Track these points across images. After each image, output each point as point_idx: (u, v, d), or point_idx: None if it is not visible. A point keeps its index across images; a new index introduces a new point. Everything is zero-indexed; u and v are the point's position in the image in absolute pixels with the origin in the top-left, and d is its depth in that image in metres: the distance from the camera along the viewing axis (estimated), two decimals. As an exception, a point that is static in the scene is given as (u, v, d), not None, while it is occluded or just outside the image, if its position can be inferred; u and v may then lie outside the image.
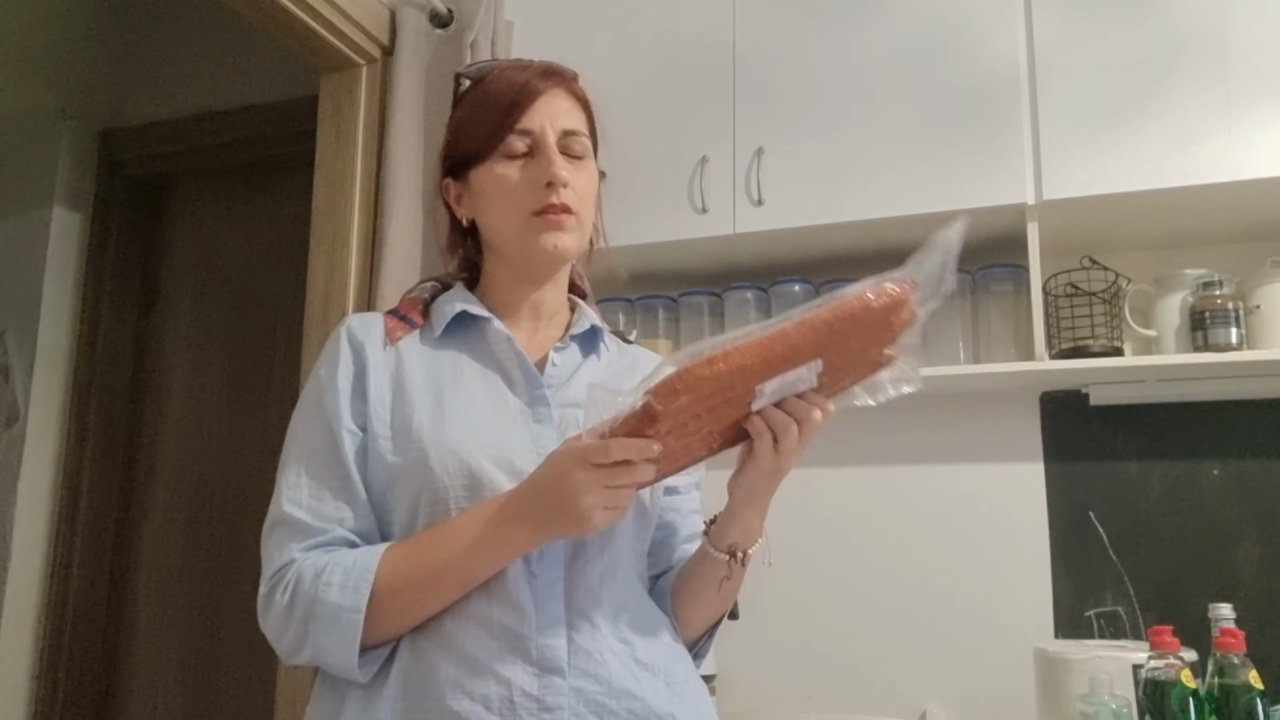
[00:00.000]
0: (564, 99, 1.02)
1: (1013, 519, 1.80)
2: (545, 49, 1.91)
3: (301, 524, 0.92)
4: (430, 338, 1.02)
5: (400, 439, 0.94)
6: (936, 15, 1.71)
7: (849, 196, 1.71)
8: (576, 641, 0.90)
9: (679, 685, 0.95)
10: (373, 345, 1.00)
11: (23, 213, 2.36)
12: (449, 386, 0.97)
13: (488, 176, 1.00)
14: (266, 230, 2.41)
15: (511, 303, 1.05)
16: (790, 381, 0.81)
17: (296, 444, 0.98)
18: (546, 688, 0.87)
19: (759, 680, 1.88)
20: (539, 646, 0.88)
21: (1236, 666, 1.23)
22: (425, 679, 0.88)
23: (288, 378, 2.26)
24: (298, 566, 0.90)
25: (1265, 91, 1.50)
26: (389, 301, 1.66)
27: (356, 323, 1.03)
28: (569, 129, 1.01)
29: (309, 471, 0.95)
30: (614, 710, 0.89)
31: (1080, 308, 1.67)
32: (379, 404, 0.96)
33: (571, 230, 1.00)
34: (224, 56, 2.43)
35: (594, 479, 0.80)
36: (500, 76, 1.02)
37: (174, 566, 2.34)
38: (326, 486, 0.94)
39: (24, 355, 2.29)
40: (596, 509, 0.81)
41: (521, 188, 0.98)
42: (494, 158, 1.00)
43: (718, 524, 0.96)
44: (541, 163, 0.98)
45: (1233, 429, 1.70)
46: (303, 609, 0.88)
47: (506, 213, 1.00)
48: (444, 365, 0.99)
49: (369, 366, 0.98)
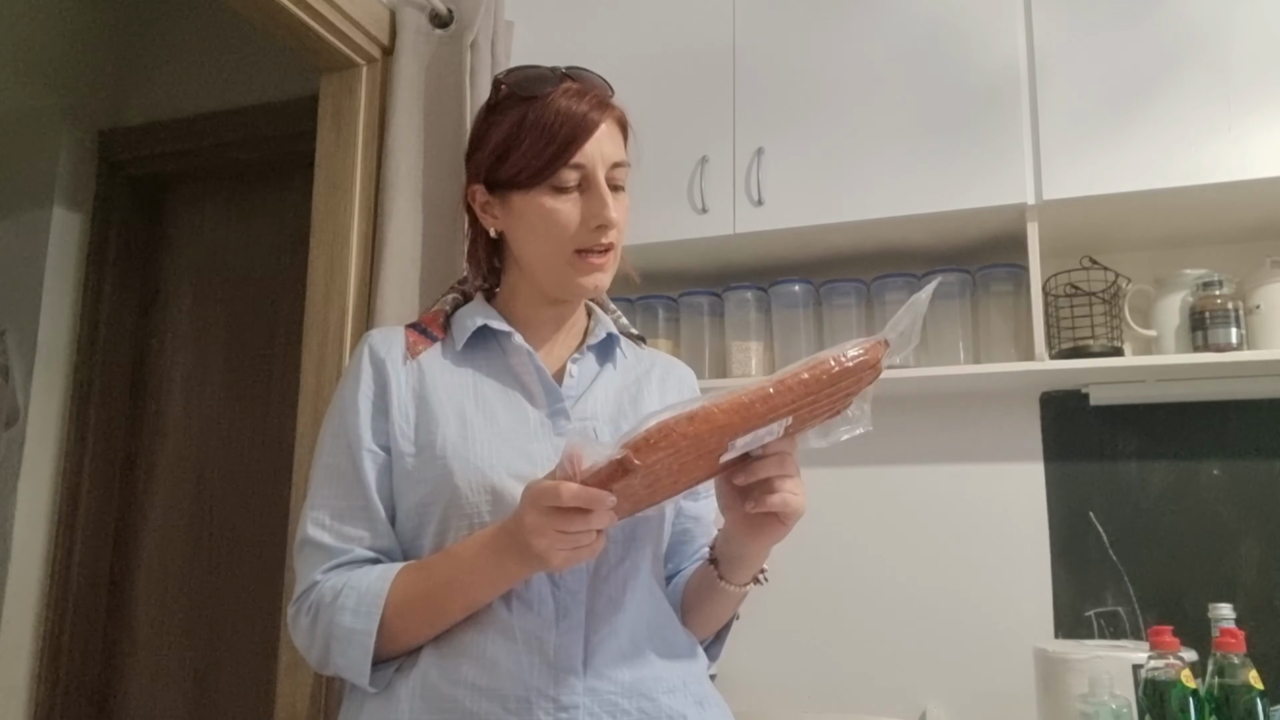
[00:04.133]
0: (612, 128, 1.03)
1: (1013, 519, 1.80)
2: (545, 49, 1.92)
3: (324, 546, 0.96)
4: (451, 352, 1.03)
5: (425, 455, 0.96)
6: (936, 15, 1.71)
7: (849, 196, 1.71)
8: (593, 643, 0.91)
9: (693, 686, 0.97)
10: (394, 361, 1.01)
11: (23, 213, 2.36)
12: (471, 402, 0.98)
13: (533, 206, 0.99)
14: (266, 230, 2.41)
15: (533, 318, 1.05)
16: (760, 435, 0.84)
17: (320, 464, 1.00)
18: (563, 688, 0.89)
19: (759, 680, 1.88)
20: (556, 647, 0.90)
21: (1236, 666, 1.23)
22: (445, 680, 0.90)
23: (288, 377, 2.26)
24: (319, 589, 0.94)
25: (1266, 91, 1.50)
26: (389, 302, 1.66)
27: (378, 339, 1.04)
28: (617, 161, 1.02)
29: (331, 493, 0.98)
30: (626, 710, 0.91)
31: (1080, 308, 1.67)
32: (402, 420, 0.98)
33: (610, 269, 1.02)
34: (224, 56, 2.43)
35: (546, 523, 0.79)
36: (556, 104, 0.99)
37: (174, 566, 2.34)
38: (348, 508, 0.97)
39: (24, 355, 2.29)
40: (553, 551, 0.80)
41: (570, 225, 0.98)
42: (542, 188, 0.98)
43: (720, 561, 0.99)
44: (594, 205, 0.98)
45: (1233, 429, 1.70)
46: (323, 629, 0.92)
47: (549, 246, 0.99)
48: (465, 380, 1.01)
49: (390, 383, 0.99)
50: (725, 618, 1.05)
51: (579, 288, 1.00)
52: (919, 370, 1.72)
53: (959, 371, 1.71)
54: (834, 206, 1.71)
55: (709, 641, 1.08)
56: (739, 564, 0.97)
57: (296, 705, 1.64)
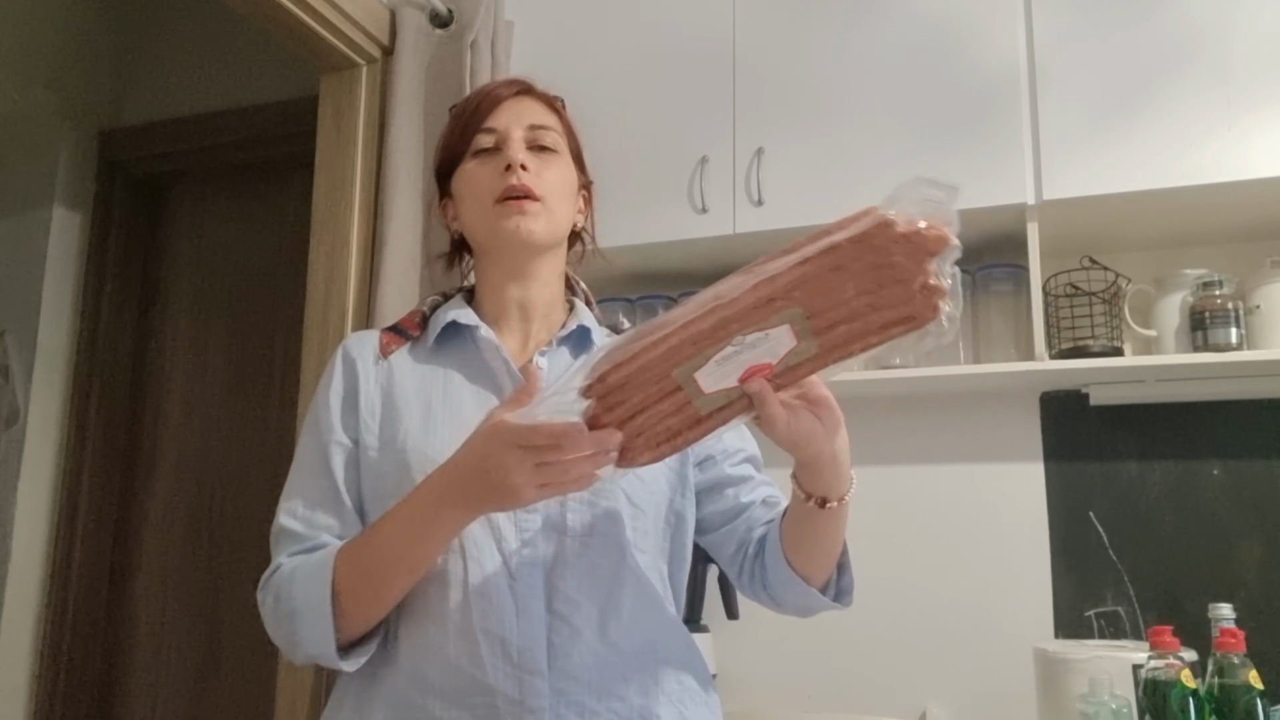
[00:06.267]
0: (531, 102, 1.08)
1: (1013, 519, 1.80)
2: (545, 49, 1.93)
3: (293, 533, 0.98)
4: (423, 349, 1.05)
5: (387, 450, 0.98)
6: (936, 16, 1.71)
7: (849, 196, 1.68)
8: (556, 644, 0.91)
9: (671, 685, 0.96)
10: (364, 361, 1.04)
11: (23, 213, 2.36)
12: (438, 397, 1.00)
13: (463, 176, 1.06)
14: (266, 230, 2.41)
15: (501, 305, 1.07)
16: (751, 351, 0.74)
17: (296, 459, 1.03)
18: (528, 690, 0.88)
19: (759, 680, 1.88)
20: (520, 649, 0.90)
21: (1236, 666, 1.23)
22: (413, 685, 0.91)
23: (288, 378, 2.26)
24: (280, 570, 0.95)
25: (1266, 91, 1.50)
26: (389, 302, 1.66)
27: (353, 341, 1.08)
28: (536, 123, 1.06)
29: (303, 483, 1.00)
30: (595, 710, 0.90)
31: (1080, 308, 1.67)
32: (369, 416, 1.01)
33: (536, 215, 1.02)
34: (224, 56, 2.43)
35: (524, 457, 0.76)
36: (474, 91, 1.10)
37: (174, 566, 2.34)
38: (317, 497, 0.99)
39: (24, 355, 2.29)
40: (527, 487, 0.77)
41: (486, 178, 1.03)
42: (465, 159, 1.05)
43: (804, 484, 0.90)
44: (504, 155, 1.02)
45: (1233, 429, 1.70)
46: (285, 607, 0.92)
47: (475, 204, 1.04)
48: (435, 376, 1.02)
49: (360, 381, 1.02)
50: (841, 539, 0.96)
51: (506, 233, 1.02)
52: (919, 370, 1.72)
53: (959, 371, 1.71)
54: (834, 206, 1.69)
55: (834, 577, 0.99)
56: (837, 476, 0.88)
57: (296, 705, 1.64)
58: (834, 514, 0.90)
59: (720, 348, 0.74)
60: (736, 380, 0.76)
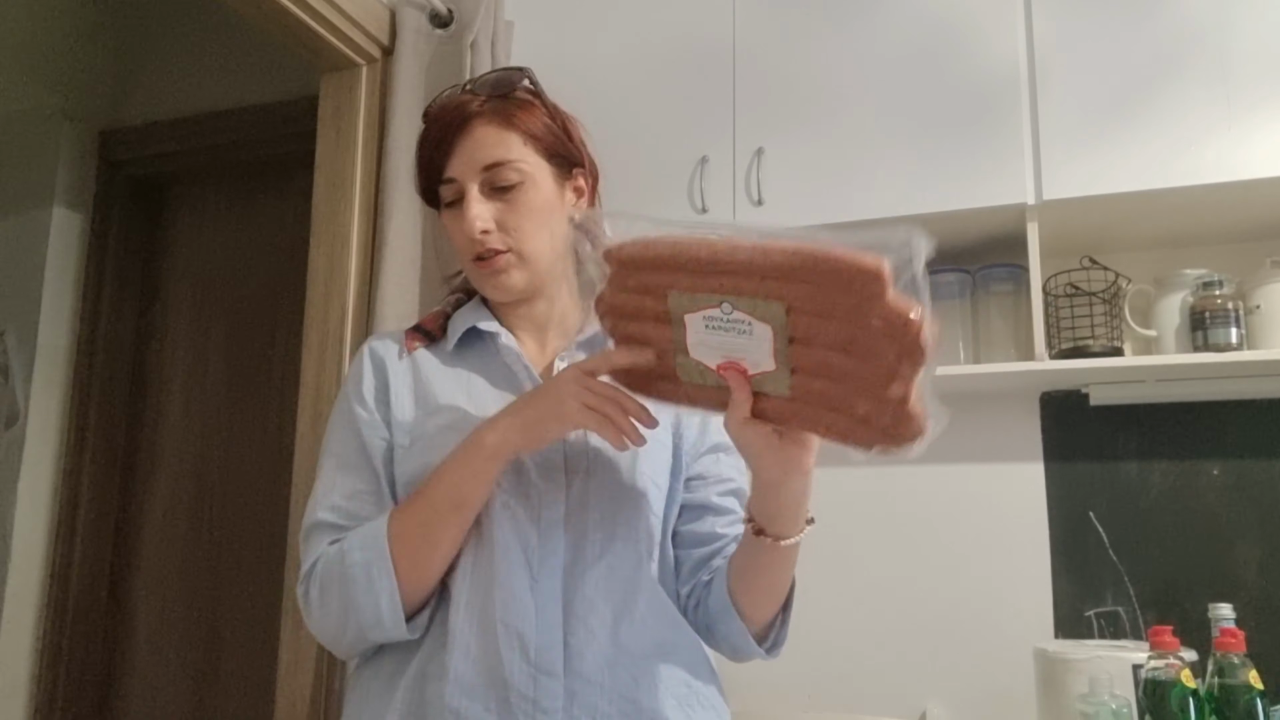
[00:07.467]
0: (484, 129, 1.01)
1: (1013, 519, 1.80)
2: (545, 49, 1.93)
3: (333, 525, 0.98)
4: (444, 351, 1.07)
5: (419, 445, 0.99)
6: (936, 16, 1.71)
7: (849, 196, 1.71)
8: (572, 645, 0.92)
9: (680, 689, 0.96)
10: (391, 358, 1.06)
11: (23, 213, 2.36)
12: (464, 397, 1.01)
13: (442, 226, 1.07)
14: (266, 230, 2.41)
15: (513, 318, 1.09)
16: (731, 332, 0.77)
17: (329, 454, 1.03)
18: (543, 690, 0.89)
19: (759, 680, 1.88)
20: (537, 648, 0.90)
21: (1236, 666, 1.23)
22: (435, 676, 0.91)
23: (288, 377, 2.26)
24: (325, 557, 0.96)
25: (1266, 92, 1.50)
26: (389, 302, 1.66)
27: (376, 342, 1.09)
28: (492, 161, 1.00)
29: (341, 476, 1.01)
30: (607, 713, 0.91)
31: (1080, 308, 1.67)
32: (401, 413, 1.02)
33: (509, 268, 1.02)
34: (224, 56, 2.43)
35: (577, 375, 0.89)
36: (431, 118, 1.05)
37: (174, 566, 2.34)
38: (357, 489, 0.99)
39: (24, 355, 2.29)
40: (574, 400, 0.87)
41: (457, 234, 1.03)
42: (440, 209, 1.06)
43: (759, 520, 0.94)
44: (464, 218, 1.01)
45: (1233, 429, 1.70)
46: (336, 582, 0.93)
47: (460, 258, 1.06)
48: (459, 377, 1.04)
49: (390, 378, 1.04)
50: (785, 585, 0.99)
51: (488, 291, 1.05)
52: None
53: (959, 371, 1.70)
54: (834, 206, 1.71)
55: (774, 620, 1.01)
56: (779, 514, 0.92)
57: (296, 705, 1.64)
58: (781, 553, 0.94)
59: (711, 302, 0.77)
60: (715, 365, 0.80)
